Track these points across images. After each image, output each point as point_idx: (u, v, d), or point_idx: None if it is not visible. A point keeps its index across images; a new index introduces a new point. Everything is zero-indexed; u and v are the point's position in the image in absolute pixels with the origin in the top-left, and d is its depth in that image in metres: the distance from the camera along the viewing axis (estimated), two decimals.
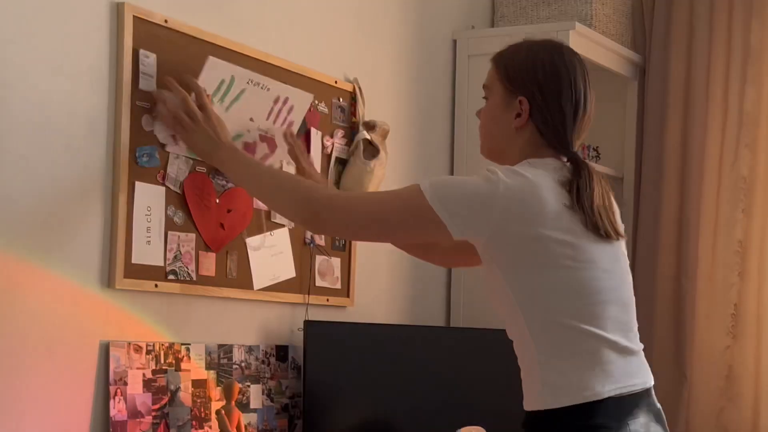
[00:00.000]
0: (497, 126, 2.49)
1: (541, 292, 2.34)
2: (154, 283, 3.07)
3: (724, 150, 4.56)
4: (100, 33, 2.95)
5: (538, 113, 2.44)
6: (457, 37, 4.34)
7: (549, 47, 2.50)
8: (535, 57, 2.47)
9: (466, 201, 2.35)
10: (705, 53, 4.59)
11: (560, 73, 2.46)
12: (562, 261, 2.32)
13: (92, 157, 2.93)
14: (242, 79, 3.16)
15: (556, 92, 2.45)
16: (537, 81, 2.44)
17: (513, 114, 2.46)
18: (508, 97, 2.46)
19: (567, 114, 2.47)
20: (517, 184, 2.33)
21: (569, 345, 2.35)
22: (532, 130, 2.46)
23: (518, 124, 2.45)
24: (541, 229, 2.31)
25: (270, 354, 3.44)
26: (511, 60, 2.49)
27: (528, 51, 2.49)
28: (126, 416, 2.96)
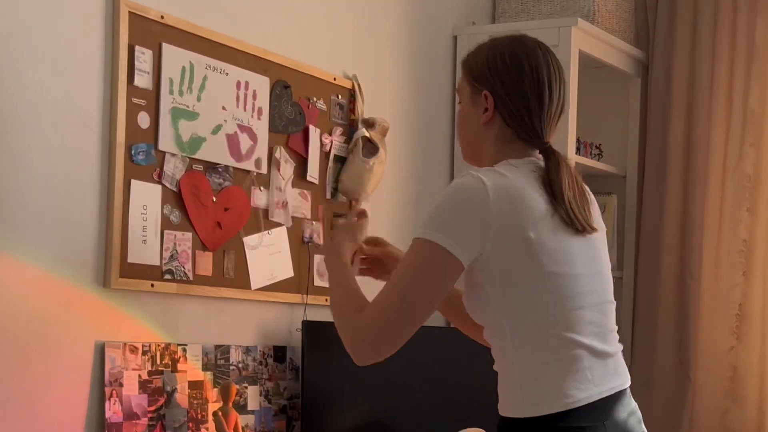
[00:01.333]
0: (468, 126, 2.47)
1: (527, 301, 2.33)
2: (150, 282, 3.07)
3: (729, 148, 4.56)
4: (95, 29, 2.95)
5: (501, 104, 2.42)
6: (457, 33, 4.34)
7: (510, 39, 2.50)
8: (495, 50, 2.46)
9: (460, 216, 2.30)
10: (709, 50, 4.59)
11: (520, 61, 2.44)
12: (547, 266, 2.31)
13: (87, 155, 2.93)
14: (200, 64, 3.18)
15: (517, 80, 2.42)
16: (497, 71, 2.42)
17: (481, 110, 2.43)
18: (474, 94, 2.45)
19: (531, 102, 2.42)
20: (503, 185, 2.31)
21: (549, 353, 2.35)
22: (500, 123, 2.42)
23: (485, 118, 2.43)
24: (531, 232, 2.30)
25: (268, 355, 3.44)
26: (474, 58, 2.48)
27: (489, 46, 2.49)
28: (121, 418, 2.96)
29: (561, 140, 4.11)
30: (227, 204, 3.30)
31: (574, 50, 4.14)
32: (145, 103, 3.05)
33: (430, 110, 4.22)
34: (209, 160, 3.25)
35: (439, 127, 4.27)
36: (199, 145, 3.22)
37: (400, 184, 4.05)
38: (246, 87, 3.36)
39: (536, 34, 4.15)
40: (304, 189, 3.58)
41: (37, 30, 2.80)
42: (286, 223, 3.50)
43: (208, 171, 3.25)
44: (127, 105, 3.00)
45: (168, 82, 3.12)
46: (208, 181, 3.25)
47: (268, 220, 3.44)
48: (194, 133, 3.20)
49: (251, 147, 3.38)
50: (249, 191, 3.38)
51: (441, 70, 4.28)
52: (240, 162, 3.35)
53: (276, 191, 3.46)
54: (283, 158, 3.49)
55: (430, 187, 4.20)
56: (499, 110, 2.41)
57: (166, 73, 3.11)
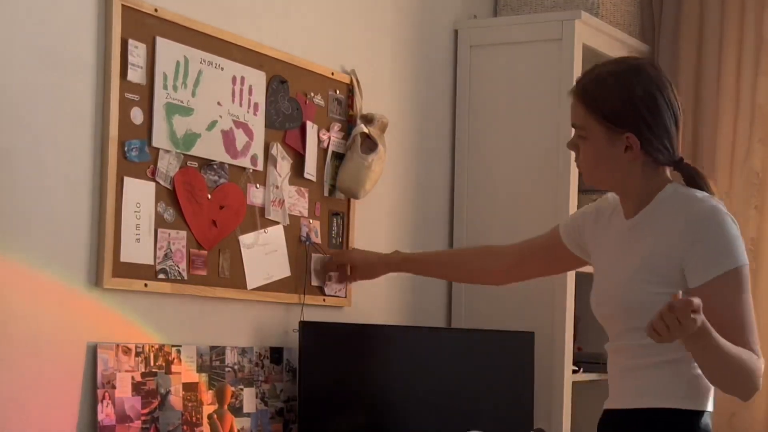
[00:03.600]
0: (608, 162, 2.65)
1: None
2: (144, 282, 3.07)
3: (736, 145, 4.56)
4: (87, 22, 2.95)
5: (648, 144, 2.62)
6: (458, 27, 4.34)
7: (634, 71, 2.64)
8: (628, 89, 2.61)
9: (739, 236, 2.61)
10: (716, 44, 4.59)
11: (657, 98, 2.61)
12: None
13: (79, 151, 2.93)
14: (195, 59, 3.18)
15: (659, 119, 2.61)
16: (640, 116, 2.60)
17: (621, 148, 2.63)
18: (611, 134, 2.62)
19: (671, 131, 2.64)
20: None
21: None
22: (644, 158, 2.64)
23: (631, 157, 2.63)
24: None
25: (264, 356, 3.45)
26: (602, 94, 2.63)
27: (616, 81, 2.63)
28: (114, 421, 2.96)
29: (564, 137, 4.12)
30: (222, 202, 3.30)
31: (578, 44, 4.15)
32: (138, 99, 3.06)
33: (430, 106, 4.22)
34: (204, 156, 3.25)
35: (439, 124, 4.27)
36: (193, 142, 3.22)
37: (400, 181, 4.05)
38: (242, 82, 3.37)
39: (539, 28, 4.21)
40: (302, 186, 3.58)
41: (27, 23, 2.80)
42: (283, 221, 3.51)
43: (203, 168, 3.25)
44: (120, 100, 3.00)
45: (162, 77, 3.12)
46: (203, 178, 3.25)
47: (264, 219, 3.45)
48: (189, 129, 3.20)
49: (247, 143, 3.38)
50: (245, 188, 3.38)
51: (441, 64, 4.29)
52: (236, 159, 3.35)
53: (272, 189, 3.46)
54: (280, 155, 3.49)
55: (430, 184, 4.20)
56: (644, 148, 2.62)
57: (160, 68, 3.11)
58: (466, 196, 4.28)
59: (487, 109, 4.28)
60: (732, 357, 2.51)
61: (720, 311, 2.52)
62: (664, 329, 2.36)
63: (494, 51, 4.28)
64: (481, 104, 4.28)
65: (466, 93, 4.30)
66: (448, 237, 4.29)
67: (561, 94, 4.14)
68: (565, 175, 4.10)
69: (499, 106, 4.26)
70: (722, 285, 2.55)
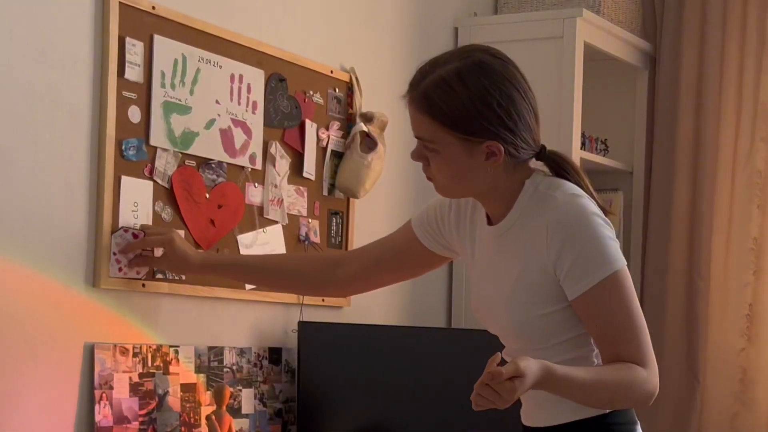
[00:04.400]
0: (468, 174, 2.40)
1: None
2: (142, 282, 3.07)
3: (739, 143, 4.56)
4: (84, 20, 2.95)
5: (512, 147, 2.37)
6: (458, 25, 4.34)
7: (479, 69, 2.35)
8: (480, 92, 2.33)
9: (610, 235, 2.39)
10: (718, 41, 4.59)
11: (512, 95, 2.35)
12: None
13: (76, 150, 2.93)
14: (193, 57, 3.18)
15: (520, 118, 2.35)
16: (500, 120, 2.33)
17: (481, 157, 2.37)
18: (468, 145, 2.35)
19: (532, 126, 2.39)
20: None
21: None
22: (505, 159, 2.39)
23: (495, 162, 2.37)
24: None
25: (262, 356, 3.45)
26: (450, 103, 2.33)
27: (463, 84, 2.33)
28: (112, 422, 2.96)
29: (565, 135, 4.12)
30: (221, 201, 3.30)
31: (579, 42, 4.15)
32: (135, 97, 3.05)
33: None
34: (202, 155, 3.25)
35: None
36: (191, 140, 3.22)
37: (400, 180, 4.05)
38: (240, 80, 3.36)
39: (540, 26, 4.21)
40: (301, 185, 3.58)
41: (24, 21, 2.80)
42: (282, 220, 3.50)
43: (201, 167, 3.25)
44: (118, 99, 3.00)
45: (160, 75, 3.12)
46: (201, 177, 3.25)
47: (263, 218, 3.45)
48: (187, 128, 3.20)
49: (245, 142, 3.38)
50: (243, 188, 3.38)
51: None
52: (234, 157, 3.35)
53: (271, 188, 3.46)
54: (279, 154, 3.49)
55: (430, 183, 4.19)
56: (508, 152, 2.37)
57: (158, 66, 3.11)
58: None
59: None
60: (596, 385, 2.33)
61: (601, 322, 2.35)
62: (487, 402, 2.24)
63: None
64: None
65: None
66: None
67: (562, 93, 4.14)
68: None
69: None
70: (599, 295, 2.33)
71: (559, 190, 2.40)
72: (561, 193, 2.39)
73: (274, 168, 3.47)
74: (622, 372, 2.34)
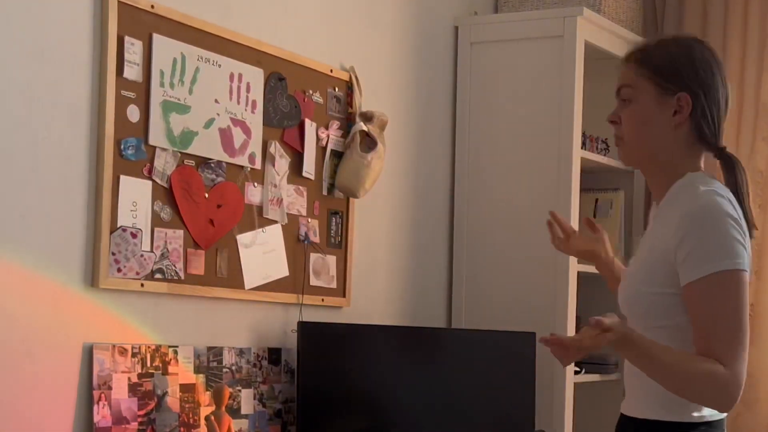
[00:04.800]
0: (651, 128, 2.53)
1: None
2: (140, 282, 3.07)
3: (740, 143, 4.56)
4: (83, 18, 2.95)
5: (700, 110, 2.51)
6: (458, 24, 4.34)
7: (696, 42, 2.59)
8: (690, 52, 2.54)
9: (738, 238, 2.45)
10: (719, 40, 4.58)
11: (713, 69, 2.54)
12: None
13: (74, 150, 2.93)
14: (192, 56, 3.18)
15: (714, 88, 2.52)
16: (698, 77, 2.51)
17: (669, 112, 2.52)
18: (662, 95, 2.52)
19: (722, 108, 2.55)
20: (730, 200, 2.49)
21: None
22: (689, 127, 2.53)
23: (679, 120, 2.51)
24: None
25: (262, 357, 3.45)
26: (661, 55, 2.54)
27: (677, 46, 2.56)
28: (110, 422, 2.96)
29: (566, 135, 4.12)
30: (220, 200, 3.30)
31: (580, 41, 4.15)
32: (134, 96, 3.05)
33: (430, 103, 4.22)
34: (201, 155, 3.25)
35: (439, 121, 4.27)
36: (190, 140, 3.22)
37: (400, 179, 4.05)
38: (239, 79, 3.36)
39: (540, 25, 4.21)
40: (300, 185, 3.58)
41: (23, 20, 2.79)
42: (281, 220, 3.50)
43: (200, 166, 3.25)
44: (116, 98, 3.00)
45: (159, 74, 3.12)
46: (200, 176, 3.25)
47: (262, 218, 3.45)
48: (186, 127, 3.20)
49: (245, 141, 3.38)
50: (243, 187, 3.38)
51: (442, 61, 4.28)
52: (233, 157, 3.35)
53: (271, 187, 3.46)
54: (278, 153, 3.49)
55: (430, 183, 4.20)
56: (693, 115, 2.51)
57: (157, 65, 3.11)
58: (466, 195, 4.28)
59: (487, 107, 4.28)
60: (671, 363, 2.40)
61: (702, 313, 2.42)
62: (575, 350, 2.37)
63: (495, 48, 4.28)
64: (482, 102, 4.28)
65: (466, 91, 4.30)
66: (449, 236, 4.28)
67: (563, 92, 4.14)
68: (567, 174, 4.10)
69: (500, 104, 4.26)
70: (707, 286, 2.41)
71: (705, 186, 2.51)
72: (705, 188, 2.50)
73: (273, 167, 3.47)
74: (703, 364, 2.39)
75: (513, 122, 4.23)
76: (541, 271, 4.12)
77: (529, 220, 4.14)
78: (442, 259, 4.26)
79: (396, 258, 4.02)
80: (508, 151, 4.24)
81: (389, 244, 3.99)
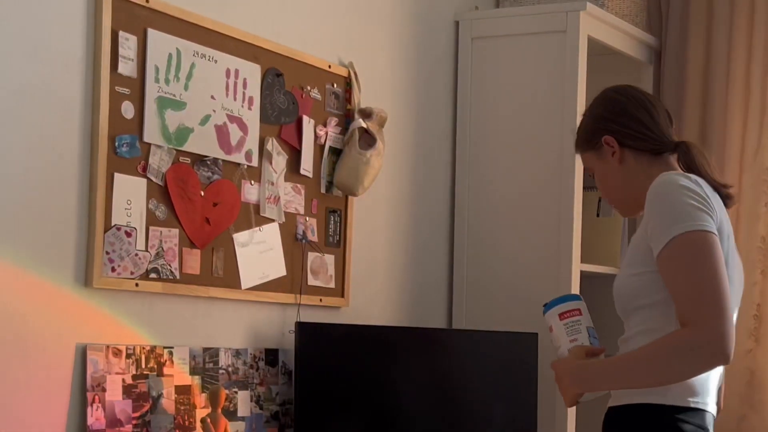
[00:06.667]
0: (614, 180, 2.75)
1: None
2: (135, 281, 3.07)
3: (746, 139, 4.56)
4: (77, 13, 2.95)
5: (621, 135, 2.72)
6: (459, 19, 4.34)
7: (600, 95, 2.84)
8: (590, 108, 2.83)
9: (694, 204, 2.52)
10: (725, 35, 4.58)
11: (614, 98, 2.78)
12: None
13: (68, 147, 2.93)
14: (188, 51, 3.18)
15: (620, 110, 2.74)
16: (601, 116, 2.76)
17: (609, 157, 2.73)
18: (597, 153, 2.75)
19: (642, 117, 2.73)
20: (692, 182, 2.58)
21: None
22: (632, 154, 2.72)
23: (617, 158, 2.72)
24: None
25: (259, 358, 3.45)
26: (580, 130, 2.82)
27: (585, 115, 2.84)
28: (104, 425, 2.96)
29: (568, 132, 4.12)
30: (216, 199, 3.31)
31: (583, 36, 4.15)
32: (129, 92, 3.06)
33: (430, 100, 4.22)
34: (197, 152, 3.25)
35: (440, 118, 4.27)
36: (186, 137, 3.22)
37: (399, 177, 4.05)
38: (236, 75, 3.37)
39: (543, 19, 4.21)
40: (298, 183, 3.59)
41: (15, 15, 2.80)
42: (279, 218, 3.51)
43: (195, 164, 3.25)
44: (111, 94, 3.00)
45: (154, 70, 3.12)
46: (195, 174, 3.25)
47: (259, 216, 3.45)
48: (181, 124, 3.20)
49: (241, 138, 3.38)
50: (239, 185, 3.38)
51: (442, 57, 4.29)
52: (230, 154, 3.35)
53: (268, 185, 3.47)
54: (276, 150, 3.49)
55: (430, 180, 4.20)
56: (623, 143, 2.72)
57: (152, 61, 3.11)
58: (467, 193, 4.28)
59: (489, 104, 4.28)
60: (626, 360, 2.57)
61: (671, 280, 2.50)
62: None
63: (496, 43, 4.28)
64: (483, 98, 4.28)
65: (467, 86, 4.30)
66: (449, 235, 4.29)
67: (565, 88, 4.14)
68: (569, 171, 4.10)
69: (502, 100, 4.26)
70: (669, 253, 2.50)
71: (670, 172, 2.63)
72: (668, 173, 2.62)
73: (270, 165, 3.47)
74: (665, 339, 2.48)
75: (514, 119, 4.24)
76: (543, 271, 4.12)
77: (532, 217, 4.14)
78: (442, 258, 4.26)
79: (396, 257, 4.02)
80: (510, 149, 4.24)
81: (389, 242, 3.99)
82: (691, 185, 2.55)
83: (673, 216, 2.51)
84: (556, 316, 2.74)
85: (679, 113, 4.63)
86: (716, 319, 2.44)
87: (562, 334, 2.72)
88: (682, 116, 4.62)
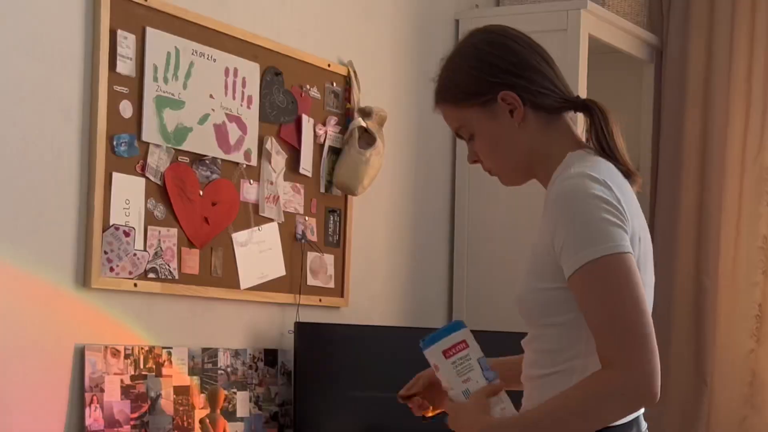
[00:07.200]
0: (504, 143, 2.36)
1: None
2: (133, 282, 3.07)
3: (748, 138, 4.56)
4: (75, 12, 2.95)
5: (525, 91, 2.32)
6: (459, 17, 4.34)
7: (470, 41, 2.39)
8: (474, 53, 2.36)
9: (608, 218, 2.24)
10: (727, 33, 4.59)
11: (505, 43, 2.34)
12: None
13: (66, 146, 2.93)
14: (187, 50, 3.18)
15: (519, 60, 2.32)
16: (499, 67, 2.32)
17: (506, 116, 2.33)
18: (488, 109, 2.33)
19: (545, 70, 2.35)
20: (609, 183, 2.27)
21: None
22: (532, 114, 2.33)
23: (519, 115, 2.32)
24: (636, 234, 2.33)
25: (258, 358, 3.45)
26: (455, 80, 2.38)
27: (458, 59, 2.38)
28: (103, 425, 2.96)
29: None
30: (215, 198, 3.31)
31: (584, 35, 4.15)
32: (127, 91, 3.06)
33: (430, 99, 4.19)
34: (196, 151, 3.25)
35: (439, 117, 4.25)
36: (185, 136, 3.22)
37: (399, 176, 4.05)
38: (235, 74, 3.37)
39: (543, 18, 4.21)
40: (297, 182, 3.59)
41: (13, 14, 2.80)
42: (278, 218, 3.51)
43: (194, 163, 3.25)
44: (109, 93, 3.00)
45: (152, 69, 3.12)
46: (194, 173, 3.25)
47: (258, 216, 3.45)
48: (180, 123, 3.20)
49: (240, 138, 3.38)
50: (238, 185, 3.38)
51: (442, 56, 4.27)
52: (228, 153, 3.35)
53: (267, 185, 3.47)
54: (275, 149, 3.49)
55: (430, 180, 4.20)
56: (525, 99, 2.32)
57: (150, 60, 3.11)
58: (467, 192, 4.28)
59: None
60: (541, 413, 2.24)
61: (586, 309, 2.21)
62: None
63: None
64: None
65: None
66: (449, 234, 4.29)
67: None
68: None
69: None
70: (583, 279, 2.20)
71: (578, 167, 2.30)
72: (576, 170, 2.29)
73: (269, 164, 3.47)
74: (584, 385, 2.21)
75: None
76: None
77: (532, 216, 4.13)
78: (442, 258, 4.26)
79: (395, 257, 4.02)
80: None
81: (388, 242, 3.99)
82: (605, 193, 2.23)
83: (585, 236, 2.20)
84: (440, 354, 2.37)
85: (680, 112, 4.63)
86: (643, 360, 2.18)
87: (452, 375, 2.39)
88: (683, 114, 4.62)
